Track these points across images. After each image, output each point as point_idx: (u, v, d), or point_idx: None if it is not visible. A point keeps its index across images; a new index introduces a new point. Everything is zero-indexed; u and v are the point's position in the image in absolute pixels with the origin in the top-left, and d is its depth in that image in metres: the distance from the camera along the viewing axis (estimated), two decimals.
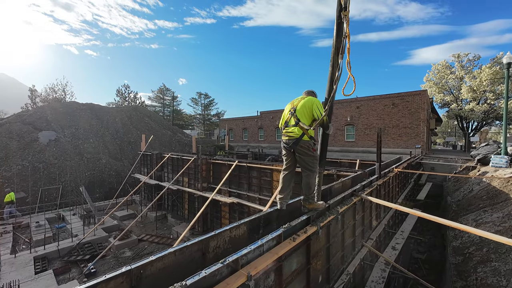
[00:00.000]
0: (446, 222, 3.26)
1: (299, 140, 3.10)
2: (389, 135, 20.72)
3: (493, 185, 9.08)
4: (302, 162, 3.20)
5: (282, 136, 3.32)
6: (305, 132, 3.08)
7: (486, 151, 12.46)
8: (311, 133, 3.15)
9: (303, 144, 3.11)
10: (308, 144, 3.13)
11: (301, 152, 3.15)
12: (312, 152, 3.16)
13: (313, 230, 3.01)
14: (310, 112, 3.13)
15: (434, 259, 9.57)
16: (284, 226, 2.73)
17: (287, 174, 3.41)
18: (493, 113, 25.70)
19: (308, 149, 3.13)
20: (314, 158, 3.21)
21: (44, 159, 19.19)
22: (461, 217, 8.00)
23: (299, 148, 3.13)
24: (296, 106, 3.22)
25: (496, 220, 6.14)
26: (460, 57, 28.01)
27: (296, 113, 3.16)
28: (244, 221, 2.90)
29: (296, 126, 3.12)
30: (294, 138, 3.13)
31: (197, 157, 12.43)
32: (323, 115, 3.07)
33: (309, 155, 3.16)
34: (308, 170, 3.20)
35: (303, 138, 3.10)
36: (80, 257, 10.09)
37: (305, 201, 3.29)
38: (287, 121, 3.27)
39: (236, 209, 10.98)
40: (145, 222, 14.94)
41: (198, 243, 2.35)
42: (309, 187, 3.22)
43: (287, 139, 3.21)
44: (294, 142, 3.12)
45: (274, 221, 3.39)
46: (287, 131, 3.23)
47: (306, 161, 3.16)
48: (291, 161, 3.37)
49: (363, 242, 5.29)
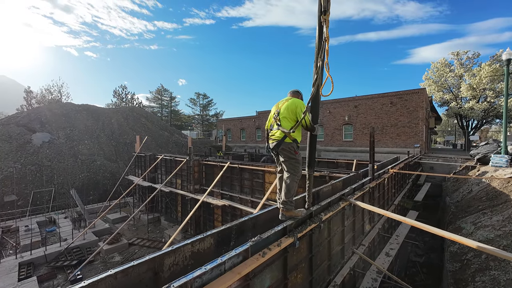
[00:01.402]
0: (439, 232, 2.96)
1: (281, 143, 3.07)
2: (388, 134, 20.39)
3: (493, 185, 8.75)
4: (284, 164, 3.16)
5: (267, 139, 3.30)
6: (287, 135, 3.05)
7: (486, 150, 12.13)
8: (295, 136, 3.09)
9: (285, 147, 3.07)
10: (291, 146, 3.07)
11: (283, 155, 3.12)
12: (294, 155, 3.10)
13: (288, 242, 2.70)
14: (294, 115, 3.08)
15: (433, 262, 9.24)
16: (252, 240, 2.42)
17: (281, 177, 3.34)
18: (493, 111, 25.33)
19: (290, 152, 3.08)
20: (297, 161, 3.13)
21: (37, 161, 18.92)
22: (460, 219, 7.68)
23: (281, 150, 3.10)
24: (280, 109, 3.19)
25: (496, 223, 5.82)
26: (460, 55, 27.65)
27: (279, 116, 3.14)
28: (211, 233, 2.59)
29: (278, 129, 3.12)
30: (276, 141, 3.11)
31: (189, 159, 12.13)
32: (301, 118, 3.00)
33: (291, 158, 3.10)
34: (290, 173, 3.12)
35: (285, 140, 3.07)
36: (67, 262, 9.80)
37: (284, 205, 3.07)
38: (272, 124, 3.25)
39: (229, 211, 10.67)
40: (138, 225, 14.64)
41: (149, 261, 2.03)
42: (289, 190, 3.09)
43: (271, 142, 3.20)
44: (277, 144, 3.10)
45: (249, 230, 3.08)
46: (271, 134, 3.22)
47: (287, 163, 3.11)
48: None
49: (354, 249, 4.97)
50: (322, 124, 24.66)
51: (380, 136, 20.78)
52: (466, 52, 27.35)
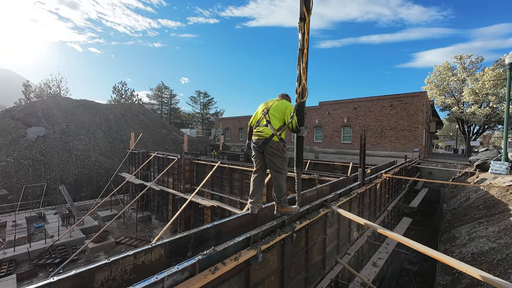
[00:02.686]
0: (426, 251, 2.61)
1: (269, 141, 3.01)
2: (387, 138, 20.03)
3: (491, 193, 8.40)
4: (271, 164, 3.10)
5: (252, 136, 3.21)
6: (275, 133, 3.02)
7: (486, 156, 11.76)
8: (282, 135, 3.09)
9: (272, 145, 3.02)
10: (278, 145, 3.04)
11: (270, 153, 3.05)
12: (281, 154, 3.07)
13: (249, 255, 2.41)
14: (282, 115, 3.08)
15: (427, 272, 8.90)
16: (204, 253, 2.12)
17: (257, 177, 3.28)
18: (495, 117, 24.89)
19: (277, 150, 3.04)
20: (284, 159, 3.12)
21: (31, 156, 18.73)
22: (455, 228, 7.35)
23: (268, 148, 3.03)
24: (269, 107, 3.16)
25: (491, 234, 5.49)
26: (463, 58, 27.20)
27: (268, 114, 3.11)
28: (161, 242, 2.30)
29: (267, 126, 3.07)
30: (263, 138, 3.05)
31: (180, 157, 11.86)
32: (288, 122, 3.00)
33: (279, 156, 3.06)
34: (277, 172, 3.10)
35: (272, 139, 3.02)
36: (50, 260, 9.54)
37: (278, 204, 3.17)
38: (259, 120, 3.20)
39: (218, 212, 10.38)
40: (128, 223, 14.39)
41: (74, 277, 1.75)
42: (280, 189, 3.11)
43: (257, 138, 3.11)
44: (263, 142, 3.03)
45: (212, 240, 2.78)
46: (258, 131, 3.15)
47: (275, 162, 3.07)
48: (261, 163, 3.24)
49: (338, 258, 4.67)
50: (320, 125, 24.33)
51: (379, 139, 20.43)
52: (469, 56, 26.90)
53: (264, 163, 3.21)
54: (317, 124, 24.49)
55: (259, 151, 3.13)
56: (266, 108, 3.19)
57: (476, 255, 4.97)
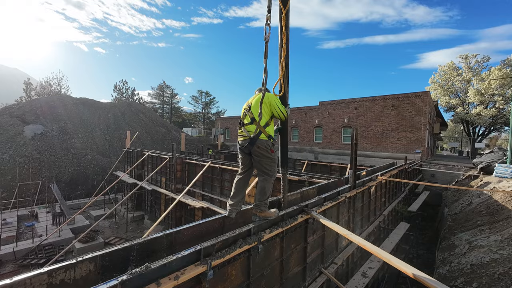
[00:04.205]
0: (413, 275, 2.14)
1: (256, 140, 2.76)
2: (388, 139, 19.49)
3: (495, 198, 7.91)
4: (258, 165, 2.87)
5: (238, 137, 3.00)
6: (262, 130, 2.76)
7: (490, 159, 11.22)
8: (269, 132, 2.84)
9: (260, 145, 2.77)
10: (266, 145, 2.79)
11: (258, 154, 2.81)
12: (270, 154, 2.83)
13: (197, 272, 2.04)
14: (269, 107, 2.83)
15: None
16: (131, 272, 1.76)
17: (241, 179, 3.07)
18: (501, 118, 24.15)
19: (265, 150, 2.80)
20: (272, 160, 2.87)
21: (27, 153, 18.61)
22: (455, 235, 6.88)
23: (255, 149, 2.79)
24: (251, 103, 2.93)
25: (493, 244, 5.04)
26: (468, 58, 26.48)
27: (251, 110, 2.86)
28: (91, 256, 1.95)
29: (251, 124, 2.83)
30: (249, 138, 2.80)
31: (172, 156, 11.54)
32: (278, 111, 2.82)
33: (267, 157, 2.82)
34: (265, 174, 2.88)
35: (260, 138, 2.76)
36: (35, 261, 9.29)
37: (257, 208, 2.94)
38: (242, 121, 2.98)
39: (209, 214, 10.02)
40: (121, 223, 14.13)
41: None
42: (264, 192, 2.90)
43: (242, 140, 2.89)
44: (250, 142, 2.79)
45: (163, 251, 2.43)
46: (241, 132, 2.93)
47: (263, 163, 2.84)
48: (248, 165, 3.03)
49: (322, 268, 4.28)
50: (320, 125, 23.86)
51: (380, 140, 19.90)
52: (475, 56, 26.18)
53: (251, 164, 3.02)
54: (317, 124, 24.04)
55: (246, 153, 2.91)
56: (247, 105, 2.96)
57: (476, 267, 4.53)
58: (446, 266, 5.22)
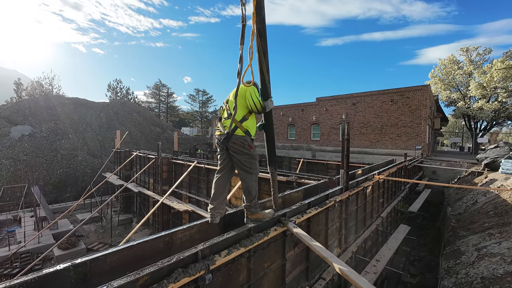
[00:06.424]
0: None
1: (231, 136, 2.60)
2: (387, 135, 18.82)
3: (503, 197, 7.25)
4: (237, 162, 2.70)
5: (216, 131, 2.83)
6: (238, 125, 2.61)
7: (495, 154, 10.55)
8: (247, 127, 2.65)
9: (236, 140, 2.60)
10: (243, 140, 2.62)
11: (234, 150, 2.64)
12: (248, 150, 2.65)
13: None
14: (243, 100, 2.65)
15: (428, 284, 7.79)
16: None
17: (220, 178, 2.86)
18: (504, 112, 23.42)
19: (242, 146, 2.62)
20: (251, 157, 2.69)
21: (13, 155, 17.95)
22: (460, 239, 6.23)
23: (232, 144, 2.61)
24: (228, 97, 2.85)
25: (507, 252, 4.38)
26: (469, 51, 25.71)
27: (228, 104, 2.76)
28: None
29: (228, 118, 2.69)
30: (224, 134, 2.63)
31: (157, 156, 10.88)
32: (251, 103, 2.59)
33: (245, 153, 2.65)
34: (245, 172, 2.70)
35: (235, 133, 2.60)
36: (8, 271, 8.65)
37: (248, 209, 2.75)
38: (221, 116, 2.88)
39: (196, 217, 9.39)
40: (107, 227, 13.46)
41: None
42: (249, 192, 2.73)
43: (219, 134, 2.73)
44: (226, 137, 2.61)
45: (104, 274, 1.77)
46: (218, 127, 2.77)
47: (241, 160, 2.66)
48: (226, 161, 2.83)
49: (307, 286, 3.63)
50: (318, 122, 23.18)
51: (379, 136, 19.22)
52: (476, 48, 25.41)
53: (230, 161, 2.81)
54: (314, 121, 23.35)
55: (223, 148, 2.74)
56: (227, 99, 2.86)
57: (488, 280, 3.88)
58: (452, 278, 4.57)
